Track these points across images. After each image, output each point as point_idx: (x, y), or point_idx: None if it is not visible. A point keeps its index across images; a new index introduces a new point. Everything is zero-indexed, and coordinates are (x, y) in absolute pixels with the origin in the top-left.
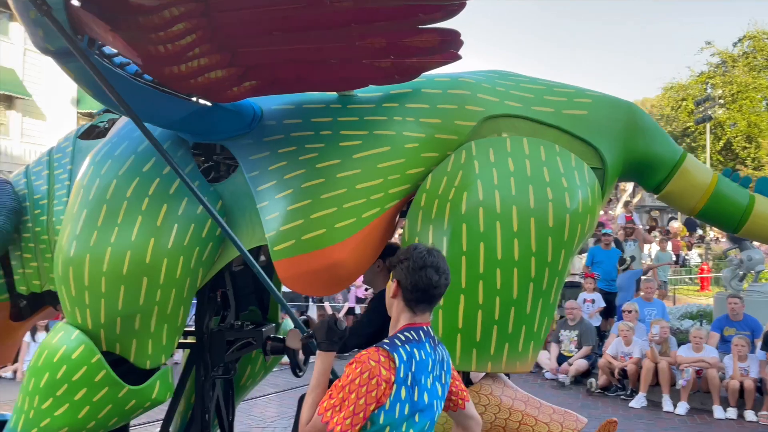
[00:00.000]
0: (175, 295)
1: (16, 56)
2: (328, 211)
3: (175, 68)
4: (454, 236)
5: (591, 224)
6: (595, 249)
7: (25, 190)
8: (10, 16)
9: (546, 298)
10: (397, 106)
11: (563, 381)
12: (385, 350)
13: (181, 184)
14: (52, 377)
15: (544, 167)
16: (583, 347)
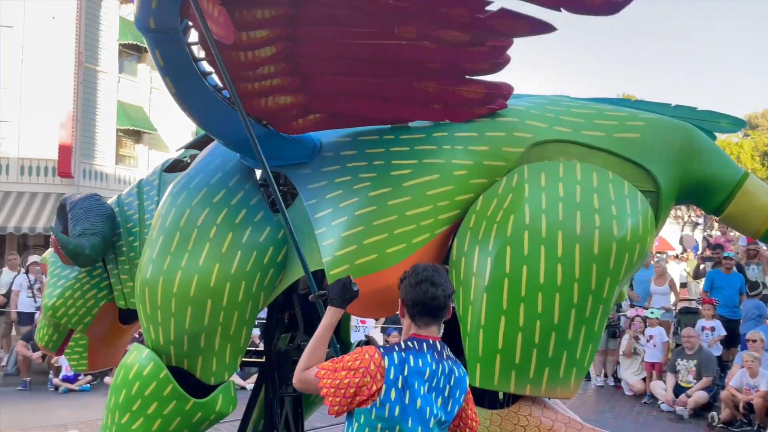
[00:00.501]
0: (238, 317)
1: (144, 94)
2: (380, 237)
3: (249, 84)
4: (498, 258)
5: (641, 253)
6: (714, 273)
7: (119, 218)
8: (138, 58)
9: (589, 326)
10: (446, 135)
11: (681, 414)
12: (379, 351)
13: (245, 214)
14: (128, 393)
15: (595, 194)
16: (703, 378)
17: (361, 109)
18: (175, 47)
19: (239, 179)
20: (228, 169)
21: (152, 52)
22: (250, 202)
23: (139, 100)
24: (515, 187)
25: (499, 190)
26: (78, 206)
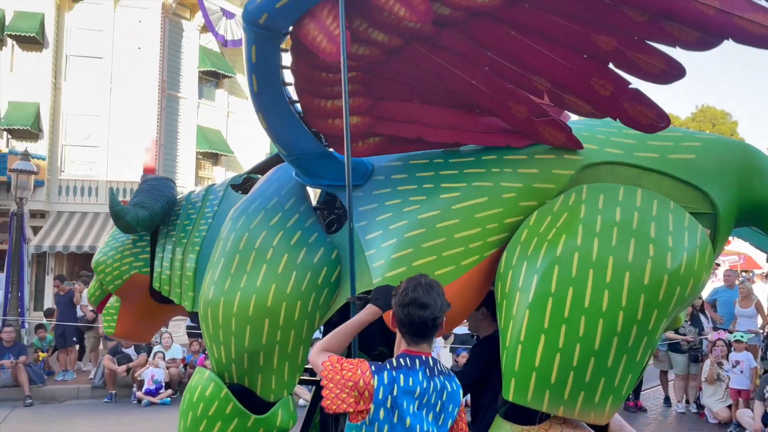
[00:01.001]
0: (294, 335)
1: (221, 119)
2: (429, 259)
3: (323, 102)
4: (545, 276)
5: (694, 288)
6: None
7: (181, 212)
8: (216, 84)
9: (631, 355)
10: (495, 158)
11: None
12: (370, 370)
13: (300, 236)
14: (195, 415)
15: (653, 222)
16: None
17: (422, 133)
18: (272, 47)
19: (294, 202)
20: (284, 194)
21: (248, 46)
22: (305, 224)
23: (217, 124)
24: (572, 206)
25: (555, 207)
26: (147, 183)
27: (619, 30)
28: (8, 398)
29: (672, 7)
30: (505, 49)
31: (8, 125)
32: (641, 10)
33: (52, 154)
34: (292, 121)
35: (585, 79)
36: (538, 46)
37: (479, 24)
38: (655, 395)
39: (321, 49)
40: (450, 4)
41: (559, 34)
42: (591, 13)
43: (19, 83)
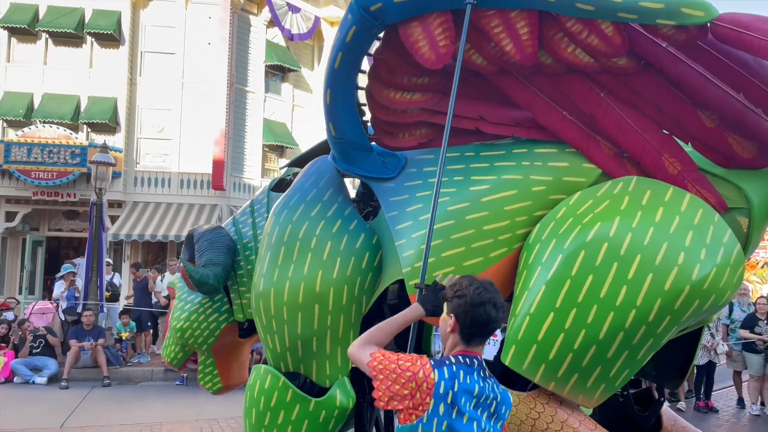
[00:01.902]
0: (344, 320)
1: (287, 112)
2: (458, 250)
3: (393, 92)
4: (569, 258)
5: (713, 304)
6: None
7: (235, 236)
8: (282, 77)
9: (632, 353)
10: (525, 151)
11: None
12: (430, 363)
13: (341, 224)
14: (258, 411)
15: (691, 230)
16: None
17: (480, 126)
18: (369, 36)
19: (332, 193)
20: (321, 185)
21: (348, 26)
22: (344, 213)
23: (283, 117)
24: (616, 194)
25: (600, 192)
26: (204, 238)
27: (688, 131)
28: (88, 378)
29: (744, 118)
30: (588, 106)
31: (88, 119)
32: (717, 113)
33: (129, 146)
34: (352, 105)
35: (659, 154)
36: (621, 112)
37: (574, 79)
38: (728, 396)
39: (420, 54)
40: (555, 55)
41: (643, 109)
42: (671, 106)
43: (97, 79)
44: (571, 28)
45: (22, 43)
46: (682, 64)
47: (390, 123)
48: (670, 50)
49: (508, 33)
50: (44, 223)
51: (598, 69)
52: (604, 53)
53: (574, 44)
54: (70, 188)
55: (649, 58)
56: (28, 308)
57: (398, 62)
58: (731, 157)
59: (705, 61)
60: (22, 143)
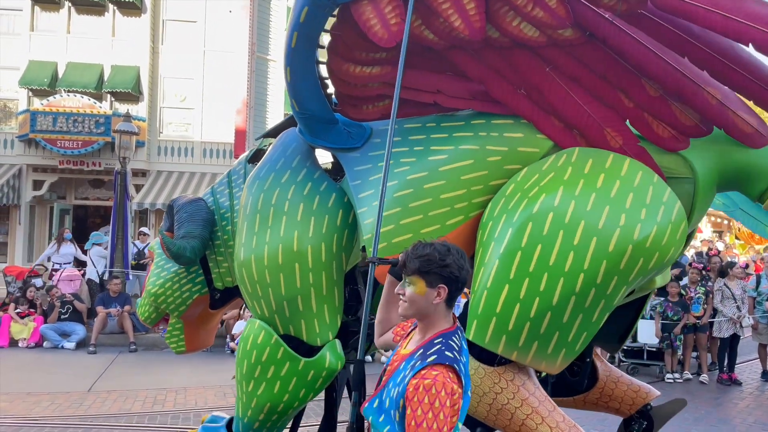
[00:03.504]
0: (326, 277)
1: None
2: (415, 218)
3: (352, 66)
4: (518, 230)
5: (659, 262)
6: None
7: (213, 206)
8: None
9: (587, 315)
10: (483, 122)
11: None
12: (454, 370)
13: (311, 187)
14: (249, 363)
15: (631, 193)
16: None
17: (438, 99)
18: (322, 15)
19: (300, 159)
20: (289, 153)
21: (300, 6)
22: (314, 176)
23: None
24: (560, 166)
25: (545, 166)
26: (183, 210)
27: (633, 99)
28: (116, 344)
29: (684, 88)
30: (535, 80)
31: (111, 88)
32: (659, 83)
33: (152, 115)
34: (313, 81)
35: (601, 128)
36: (566, 87)
37: (518, 53)
38: (752, 369)
39: (373, 32)
40: (501, 29)
41: (588, 81)
42: (616, 77)
43: (120, 48)
44: (517, 1)
45: (46, 12)
46: (624, 35)
47: (353, 96)
48: (613, 21)
49: (455, 9)
50: (71, 192)
51: (543, 43)
52: (550, 25)
53: (520, 18)
54: (95, 157)
55: (593, 29)
56: (56, 275)
57: (355, 38)
58: (675, 125)
59: (649, 30)
60: (47, 112)
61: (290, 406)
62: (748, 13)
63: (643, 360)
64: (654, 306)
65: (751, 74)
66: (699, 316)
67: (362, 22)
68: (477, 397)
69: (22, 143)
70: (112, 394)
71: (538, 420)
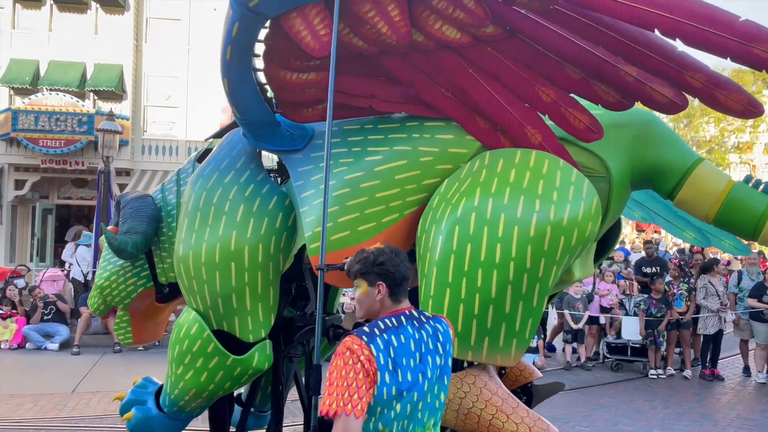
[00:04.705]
0: (262, 276)
1: None
2: (353, 216)
3: (290, 74)
4: (448, 235)
5: (580, 238)
6: None
7: (161, 203)
8: None
9: (527, 302)
10: (417, 124)
11: None
12: (362, 340)
13: (253, 188)
14: (181, 349)
15: (541, 179)
16: None
17: (373, 104)
18: (253, 29)
19: (245, 160)
20: (234, 154)
21: (231, 22)
22: (257, 178)
23: None
24: (475, 171)
25: (462, 174)
26: (129, 206)
27: (558, 84)
28: (100, 344)
29: (602, 70)
30: (460, 82)
31: (94, 86)
32: (579, 67)
33: (135, 114)
34: (252, 89)
35: (522, 126)
36: (488, 87)
37: (443, 55)
38: (734, 364)
39: (305, 43)
40: (425, 32)
41: (509, 80)
42: (539, 64)
43: (103, 46)
44: (437, 5)
45: (28, 10)
46: (541, 26)
47: (292, 101)
48: (530, 15)
49: (381, 16)
50: (53, 191)
51: (466, 43)
52: (471, 24)
53: (443, 20)
54: (78, 156)
55: (512, 24)
56: (39, 275)
57: (288, 47)
58: (599, 101)
59: (564, 23)
60: (29, 111)
61: (214, 394)
62: (652, 0)
63: (627, 356)
64: (638, 303)
65: (663, 57)
66: (682, 312)
67: (293, 33)
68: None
69: (4, 142)
70: (96, 396)
71: (503, 419)
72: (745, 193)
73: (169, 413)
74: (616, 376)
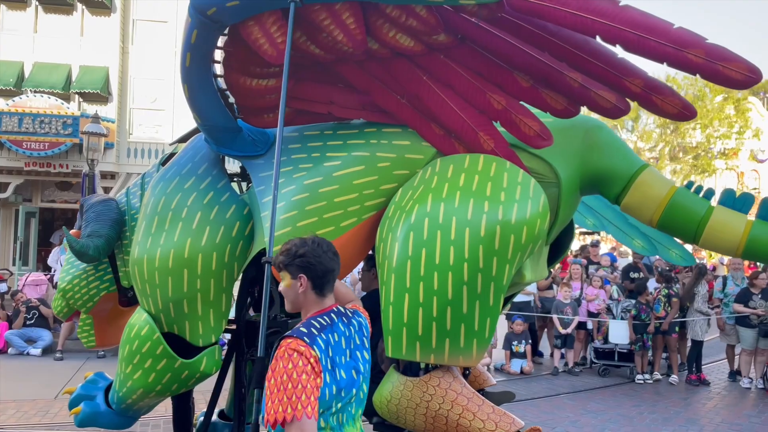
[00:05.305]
0: (214, 284)
1: None
2: (311, 220)
3: (249, 80)
4: (403, 242)
5: (529, 235)
6: None
7: (125, 207)
8: None
9: (483, 301)
10: (375, 130)
11: None
12: (304, 342)
13: (212, 196)
14: (131, 349)
15: (489, 182)
16: None
17: (332, 110)
18: (212, 36)
19: (207, 167)
20: (197, 160)
21: (190, 29)
22: (217, 185)
23: None
24: (427, 178)
25: (415, 181)
26: (91, 210)
27: (508, 91)
28: (83, 350)
29: (549, 76)
30: (414, 89)
31: (80, 89)
32: (527, 74)
33: (121, 117)
34: (213, 95)
35: (475, 132)
36: (442, 94)
37: (398, 63)
38: (720, 369)
39: (263, 51)
40: (380, 41)
41: (462, 87)
42: (490, 72)
43: (89, 47)
44: (391, 14)
45: (12, 11)
46: (491, 35)
47: (253, 106)
48: (480, 24)
49: (336, 24)
50: (37, 194)
51: (419, 51)
52: (424, 32)
53: (396, 29)
54: (63, 159)
55: (463, 32)
56: (22, 279)
57: (247, 54)
58: (547, 108)
59: (511, 30)
60: (13, 113)
61: (161, 394)
62: (594, 9)
63: (614, 361)
64: (626, 308)
65: (604, 63)
66: (660, 317)
67: (251, 41)
68: (412, 410)
69: None
70: None
71: (470, 417)
72: (686, 198)
73: (117, 410)
74: (603, 381)
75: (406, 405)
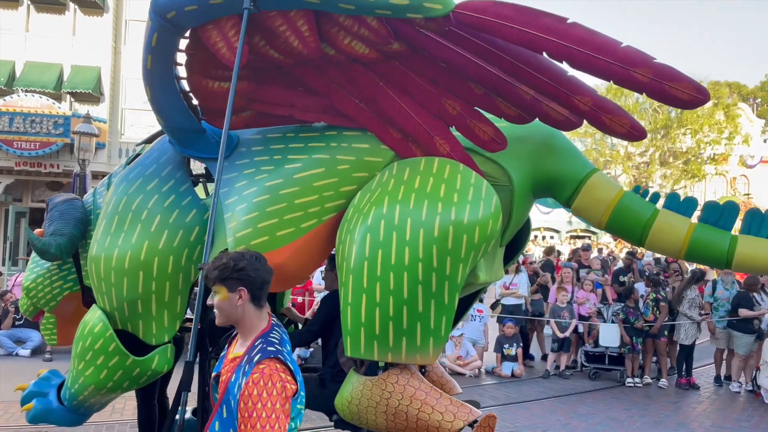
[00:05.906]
0: (170, 286)
1: None
2: (272, 222)
3: (212, 82)
4: (361, 243)
5: (482, 235)
6: None
7: (92, 206)
8: None
9: (438, 300)
10: (335, 134)
11: None
12: (286, 366)
13: (173, 199)
14: (84, 345)
15: (443, 184)
16: None
17: (294, 113)
18: (172, 39)
19: (171, 169)
20: (162, 162)
21: (150, 32)
22: (180, 189)
23: None
24: (384, 182)
25: (373, 185)
26: (56, 209)
27: (462, 98)
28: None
29: (501, 87)
30: (371, 95)
31: (71, 88)
32: (479, 84)
33: (113, 117)
34: (175, 97)
35: (431, 136)
36: (398, 99)
37: (355, 68)
38: (710, 373)
39: (221, 54)
40: (336, 47)
41: (418, 93)
42: (444, 80)
43: (81, 47)
44: (344, 23)
45: (4, 10)
46: (442, 46)
47: (215, 108)
48: (430, 35)
49: (291, 30)
50: (27, 194)
51: (374, 58)
52: (376, 42)
53: (350, 36)
54: (53, 159)
55: (414, 43)
56: (11, 280)
57: (208, 57)
58: (501, 114)
59: (461, 43)
60: (3, 112)
61: (112, 392)
62: (541, 26)
63: (605, 365)
64: (616, 312)
65: (553, 80)
66: (648, 321)
67: (210, 45)
68: (373, 409)
69: None
70: None
71: (428, 410)
72: (633, 201)
73: (69, 407)
74: (593, 385)
75: (366, 404)
